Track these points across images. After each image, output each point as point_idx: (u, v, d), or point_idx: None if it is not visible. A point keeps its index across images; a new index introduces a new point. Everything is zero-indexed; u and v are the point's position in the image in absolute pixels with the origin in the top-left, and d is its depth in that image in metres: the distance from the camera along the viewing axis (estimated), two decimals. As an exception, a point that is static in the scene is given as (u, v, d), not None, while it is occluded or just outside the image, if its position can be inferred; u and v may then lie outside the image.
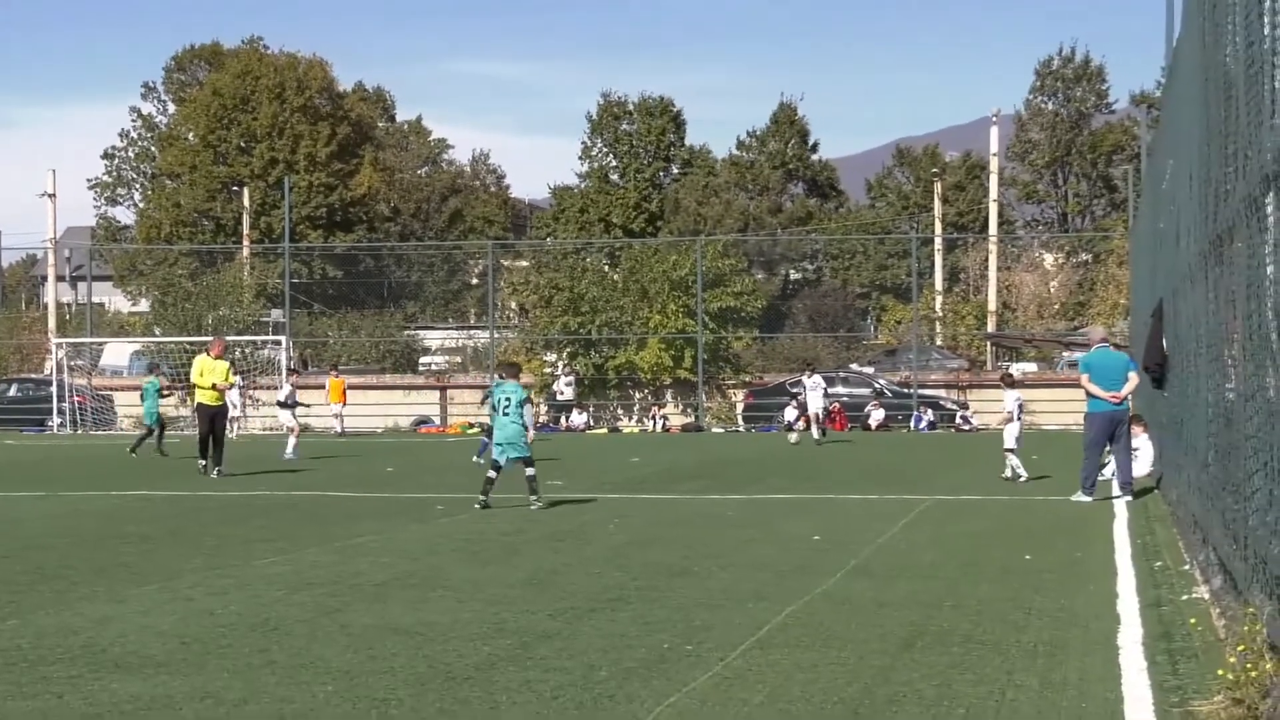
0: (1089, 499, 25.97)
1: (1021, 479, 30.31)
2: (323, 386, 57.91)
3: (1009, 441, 30.96)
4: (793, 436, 48.58)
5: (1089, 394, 26.51)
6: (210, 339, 39.79)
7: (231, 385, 35.92)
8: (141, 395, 45.58)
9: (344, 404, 57.44)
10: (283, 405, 45.14)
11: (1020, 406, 31.32)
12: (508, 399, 25.32)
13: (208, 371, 34.10)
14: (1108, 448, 26.96)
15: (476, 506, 24.92)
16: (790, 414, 53.17)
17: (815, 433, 48.77)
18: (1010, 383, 32.21)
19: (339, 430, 57.70)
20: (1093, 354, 27.23)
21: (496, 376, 32.65)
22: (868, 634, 13.08)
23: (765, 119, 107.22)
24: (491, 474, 25.38)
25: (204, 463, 33.80)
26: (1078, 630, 13.29)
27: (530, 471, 25.32)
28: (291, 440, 42.35)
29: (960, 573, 17.09)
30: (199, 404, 35.01)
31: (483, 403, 41.34)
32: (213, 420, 34.23)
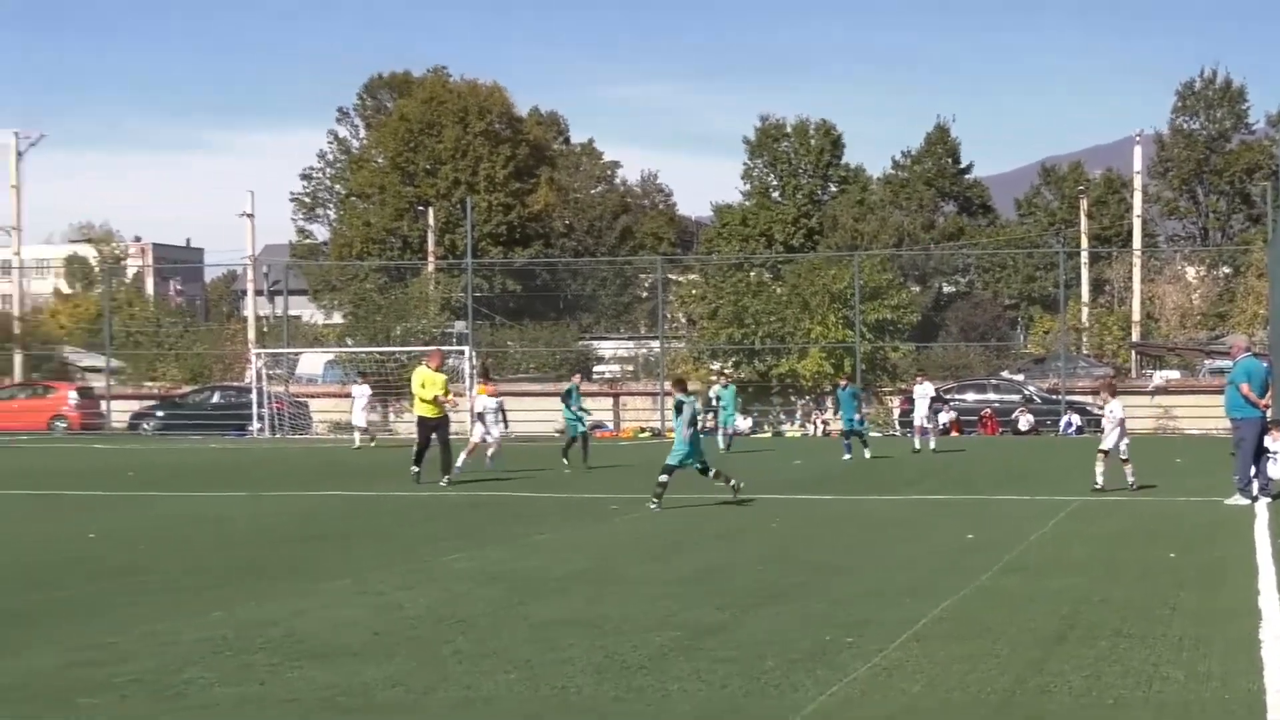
0: (1247, 501, 25.47)
1: (1097, 485, 28.47)
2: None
3: (1121, 449, 28.89)
4: (931, 443, 46.72)
5: (1247, 401, 26.10)
6: (430, 350, 37.81)
7: (450, 397, 33.90)
8: (564, 398, 42.93)
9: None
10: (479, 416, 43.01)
11: (1123, 419, 29.70)
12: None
13: (429, 384, 32.84)
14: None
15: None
16: (944, 419, 52.59)
17: (917, 443, 46.51)
18: (1114, 391, 31.11)
19: None
20: (1246, 362, 26.75)
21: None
22: (1019, 627, 13.01)
23: (919, 139, 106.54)
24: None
25: (417, 469, 32.61)
26: (1220, 626, 13.13)
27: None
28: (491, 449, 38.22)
29: (1107, 570, 16.94)
30: (419, 416, 33.40)
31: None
32: (435, 431, 32.95)
